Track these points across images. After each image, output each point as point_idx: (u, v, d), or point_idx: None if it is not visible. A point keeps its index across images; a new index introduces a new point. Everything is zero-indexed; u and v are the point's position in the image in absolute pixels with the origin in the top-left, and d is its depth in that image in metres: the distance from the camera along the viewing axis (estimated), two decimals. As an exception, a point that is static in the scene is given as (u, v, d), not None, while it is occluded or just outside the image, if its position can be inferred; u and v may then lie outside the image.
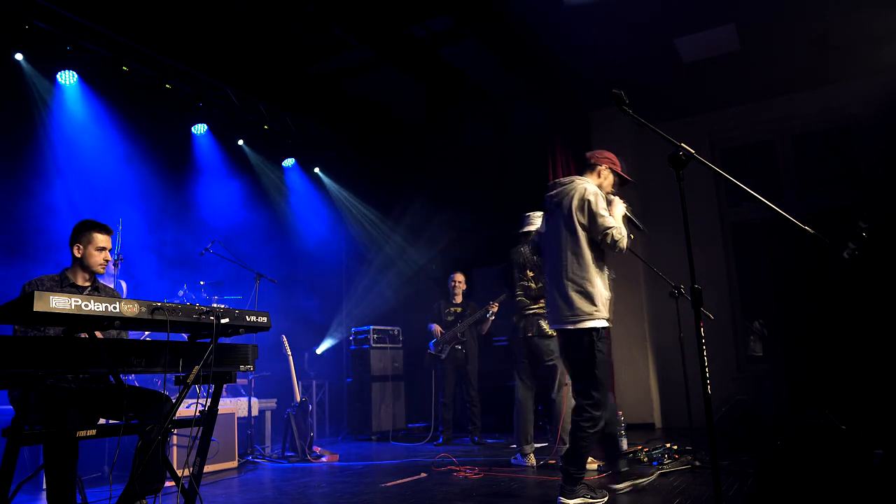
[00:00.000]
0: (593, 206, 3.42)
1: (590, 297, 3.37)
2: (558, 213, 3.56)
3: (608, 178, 3.71)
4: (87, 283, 3.25)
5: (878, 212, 6.59)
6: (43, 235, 5.28)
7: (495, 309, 6.37)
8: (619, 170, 3.72)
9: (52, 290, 3.00)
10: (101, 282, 3.37)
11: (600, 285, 3.41)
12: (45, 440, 2.47)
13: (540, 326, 4.73)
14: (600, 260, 3.47)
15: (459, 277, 6.80)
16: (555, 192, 3.64)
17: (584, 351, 3.35)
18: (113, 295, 3.43)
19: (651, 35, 5.99)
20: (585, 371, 3.35)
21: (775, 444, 3.37)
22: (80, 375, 3.00)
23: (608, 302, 3.44)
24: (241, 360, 2.80)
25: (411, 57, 6.00)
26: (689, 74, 6.70)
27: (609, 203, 3.56)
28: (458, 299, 6.77)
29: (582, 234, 3.45)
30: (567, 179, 3.66)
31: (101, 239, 3.18)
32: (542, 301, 4.79)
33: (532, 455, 4.80)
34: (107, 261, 3.22)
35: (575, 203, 3.48)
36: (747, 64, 6.52)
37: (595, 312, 3.36)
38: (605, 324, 3.39)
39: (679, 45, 6.13)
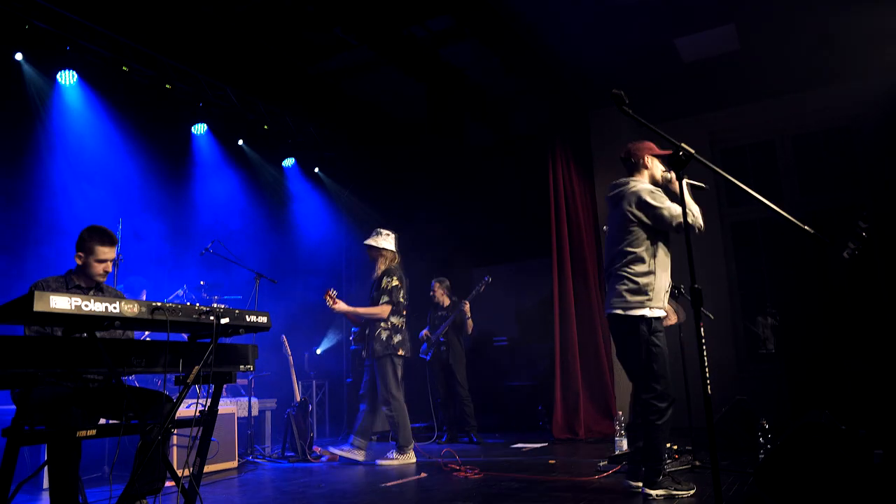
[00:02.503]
0: (652, 201, 3.55)
1: (642, 290, 3.46)
2: (616, 213, 3.67)
3: (655, 166, 3.76)
4: (91, 286, 3.27)
5: (878, 212, 6.59)
6: (43, 236, 5.29)
7: (467, 307, 6.50)
8: (658, 151, 3.75)
9: (57, 291, 3.01)
10: (105, 283, 3.39)
11: (658, 278, 3.51)
12: (46, 440, 2.47)
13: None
14: (660, 252, 3.59)
15: (435, 286, 6.89)
16: (612, 193, 3.77)
17: (639, 342, 3.41)
18: (117, 295, 3.44)
19: (651, 35, 5.99)
20: (643, 363, 3.40)
21: (775, 444, 3.37)
22: (82, 375, 3.00)
23: (664, 295, 3.54)
24: (241, 360, 2.80)
25: (411, 57, 6.00)
26: (689, 74, 6.70)
27: (669, 182, 3.72)
28: (445, 303, 6.82)
29: (637, 230, 3.55)
30: (623, 181, 3.75)
31: (103, 251, 3.18)
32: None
33: None
34: (107, 272, 3.23)
35: (634, 202, 3.58)
36: (747, 64, 6.52)
37: (647, 302, 3.43)
38: (659, 313, 3.46)
39: (679, 45, 6.12)
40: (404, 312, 5.37)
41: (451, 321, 6.61)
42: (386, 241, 5.42)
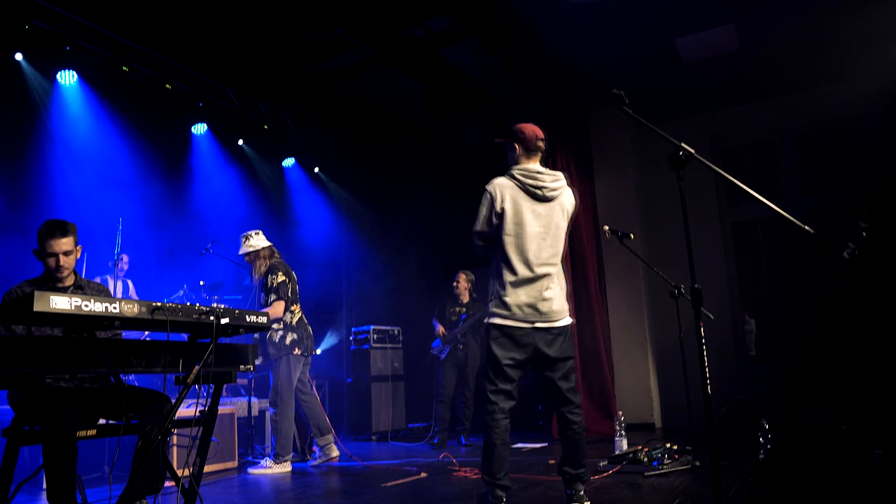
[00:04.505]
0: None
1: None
2: (557, 207, 3.39)
3: None
4: (69, 283, 3.17)
5: (878, 212, 6.59)
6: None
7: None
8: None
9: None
10: (95, 280, 3.35)
11: None
12: (45, 440, 2.47)
13: None
14: None
15: (461, 277, 6.53)
16: (556, 185, 3.39)
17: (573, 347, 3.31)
18: (101, 292, 3.37)
19: (651, 35, 5.99)
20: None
21: (775, 444, 3.37)
22: (77, 375, 2.99)
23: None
24: (242, 360, 2.80)
25: (411, 57, 6.00)
26: (689, 74, 6.70)
27: None
28: (465, 299, 6.49)
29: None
30: (558, 173, 3.44)
31: (49, 244, 3.01)
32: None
33: None
34: (61, 266, 3.04)
35: (573, 204, 3.47)
36: (747, 64, 6.52)
37: None
38: None
39: (679, 45, 6.13)
40: (294, 308, 5.07)
41: (473, 322, 6.29)
42: (256, 239, 5.12)
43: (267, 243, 5.13)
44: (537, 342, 3.19)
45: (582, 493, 3.17)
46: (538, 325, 3.19)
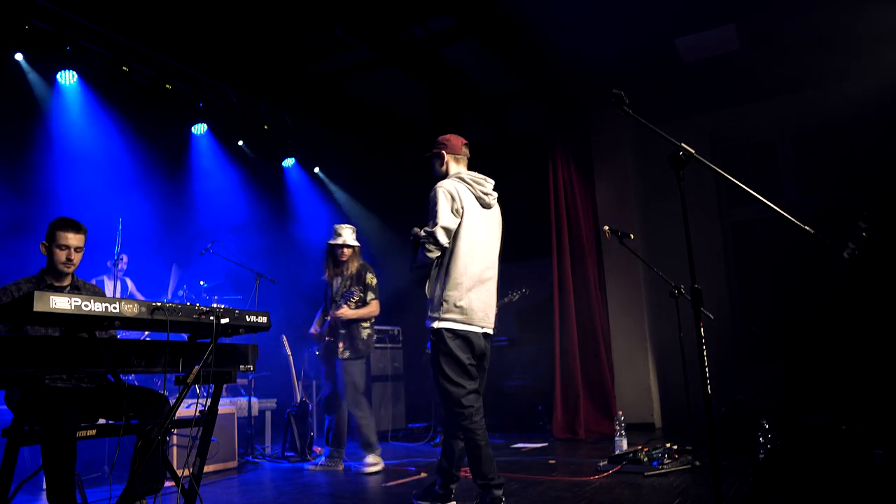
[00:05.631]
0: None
1: None
2: (493, 217, 3.44)
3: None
4: (66, 283, 3.20)
5: (878, 212, 6.59)
6: (42, 236, 5.28)
7: None
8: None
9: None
10: (90, 282, 3.36)
11: None
12: (44, 440, 2.47)
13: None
14: None
15: None
16: (491, 193, 3.43)
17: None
18: (96, 292, 3.39)
19: (651, 35, 5.99)
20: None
21: (775, 444, 3.37)
22: (75, 375, 2.99)
23: None
24: (241, 360, 2.80)
25: (411, 57, 6.00)
26: (689, 74, 6.70)
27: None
28: None
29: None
30: (490, 180, 3.48)
31: (63, 236, 3.10)
32: None
33: None
34: (70, 260, 3.11)
35: (500, 215, 3.52)
36: (747, 64, 6.52)
37: None
38: None
39: (679, 45, 6.13)
40: None
41: None
42: (353, 236, 5.23)
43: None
44: (482, 347, 3.28)
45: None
46: (486, 329, 3.29)
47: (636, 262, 6.77)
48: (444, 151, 3.46)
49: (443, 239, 3.17)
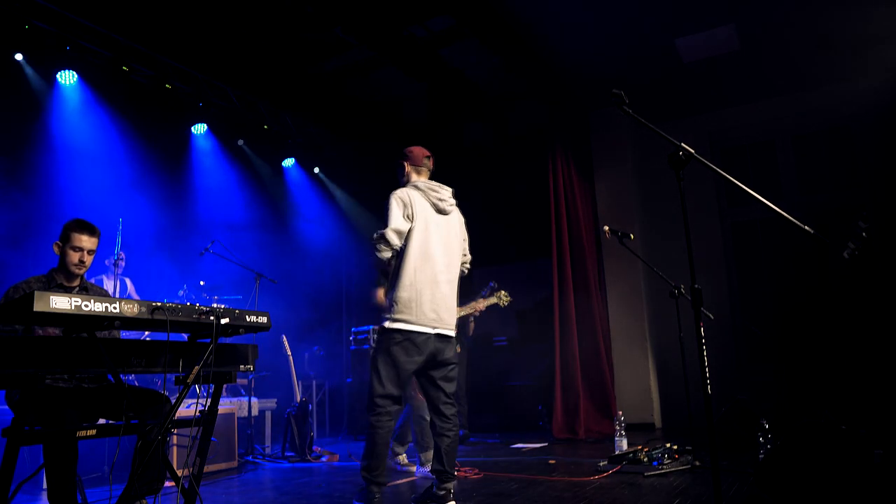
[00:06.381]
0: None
1: None
2: (453, 221, 3.58)
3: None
4: (75, 284, 3.22)
5: (878, 212, 6.59)
6: (42, 236, 5.28)
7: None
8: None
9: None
10: (90, 281, 3.37)
11: None
12: (45, 440, 2.47)
13: None
14: None
15: None
16: (449, 200, 3.57)
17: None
18: (103, 294, 3.42)
19: (651, 35, 5.99)
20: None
21: (775, 443, 3.37)
22: (76, 375, 2.99)
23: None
24: (241, 360, 2.80)
25: (411, 57, 6.00)
26: (689, 74, 6.70)
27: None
28: None
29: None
30: (447, 188, 3.62)
31: (78, 238, 3.13)
32: None
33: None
34: (82, 262, 3.16)
35: (461, 220, 3.68)
36: (747, 64, 6.52)
37: None
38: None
39: (679, 45, 6.13)
40: None
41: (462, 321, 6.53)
42: None
43: None
44: (434, 348, 3.32)
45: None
46: (440, 331, 3.34)
47: (636, 262, 6.78)
48: (405, 162, 3.64)
49: (393, 240, 3.31)
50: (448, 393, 3.38)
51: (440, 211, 3.49)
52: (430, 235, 3.39)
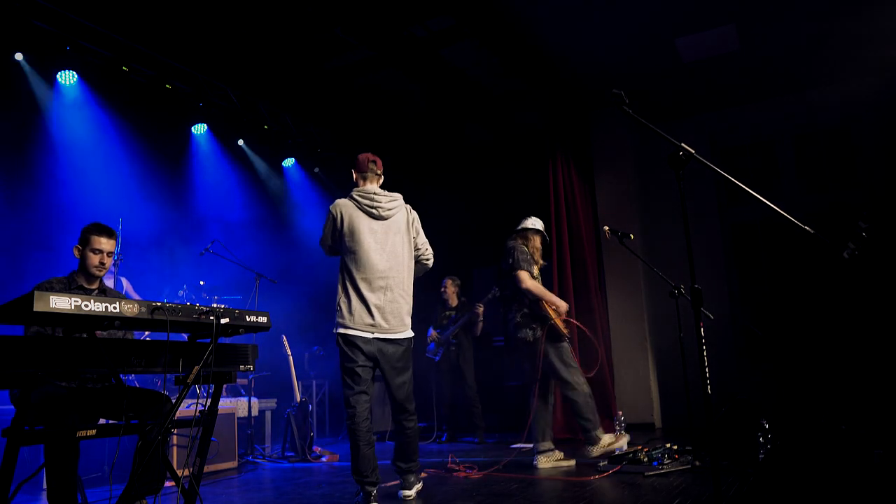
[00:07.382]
0: (419, 225, 3.79)
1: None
2: (394, 225, 3.66)
3: None
4: (94, 286, 3.29)
5: (878, 212, 6.59)
6: (42, 236, 5.28)
7: (480, 310, 6.49)
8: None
9: (60, 292, 3.01)
10: (106, 284, 3.40)
11: None
12: (46, 440, 2.47)
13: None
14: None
15: (448, 283, 6.91)
16: (393, 204, 3.69)
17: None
18: (120, 297, 3.45)
19: (651, 35, 5.99)
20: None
21: (775, 443, 3.37)
22: (81, 375, 3.00)
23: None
24: (241, 360, 2.80)
25: (411, 57, 6.00)
26: (689, 74, 6.71)
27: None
28: (454, 302, 6.84)
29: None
30: (395, 194, 3.76)
31: (98, 241, 3.22)
32: None
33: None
34: (103, 264, 3.25)
35: (417, 222, 3.79)
36: (747, 64, 6.53)
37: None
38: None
39: (679, 45, 6.13)
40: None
41: (462, 323, 6.63)
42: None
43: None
44: (379, 350, 3.48)
45: (412, 479, 3.59)
46: (377, 334, 3.48)
47: (636, 262, 6.77)
48: (353, 170, 3.80)
49: (325, 251, 3.74)
50: (399, 399, 3.54)
51: (377, 217, 3.61)
52: (364, 243, 3.54)
